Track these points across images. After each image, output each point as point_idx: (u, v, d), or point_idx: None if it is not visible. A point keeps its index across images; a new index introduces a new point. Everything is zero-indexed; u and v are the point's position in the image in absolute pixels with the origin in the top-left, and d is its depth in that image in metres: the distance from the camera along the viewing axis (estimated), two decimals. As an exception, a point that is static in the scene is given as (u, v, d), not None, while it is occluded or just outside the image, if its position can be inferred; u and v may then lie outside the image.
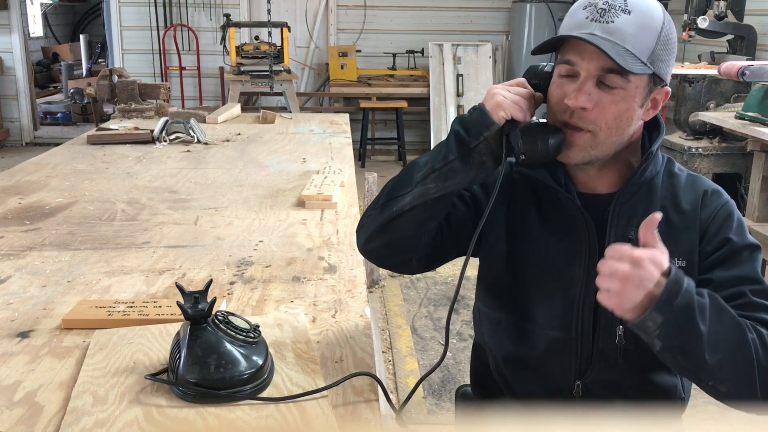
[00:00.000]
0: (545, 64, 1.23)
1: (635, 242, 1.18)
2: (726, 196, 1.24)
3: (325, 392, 1.02)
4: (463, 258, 1.20)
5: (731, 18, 4.59)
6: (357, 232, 1.27)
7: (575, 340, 1.23)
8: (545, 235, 1.25)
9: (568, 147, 1.16)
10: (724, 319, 1.04)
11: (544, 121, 1.19)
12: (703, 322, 1.00)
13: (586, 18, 1.11)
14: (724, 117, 3.83)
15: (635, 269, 0.98)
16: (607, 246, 1.13)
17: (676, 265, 1.05)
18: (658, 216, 1.02)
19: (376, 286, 3.79)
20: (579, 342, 1.23)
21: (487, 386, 1.41)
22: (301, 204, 2.00)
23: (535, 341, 1.25)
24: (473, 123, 1.15)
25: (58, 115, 8.48)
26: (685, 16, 4.58)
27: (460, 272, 1.17)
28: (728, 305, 1.08)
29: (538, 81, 1.21)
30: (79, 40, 11.05)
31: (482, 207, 1.27)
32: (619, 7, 1.10)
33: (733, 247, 1.18)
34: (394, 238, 1.20)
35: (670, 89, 1.21)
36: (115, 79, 3.70)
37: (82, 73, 10.33)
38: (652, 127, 1.25)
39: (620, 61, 1.07)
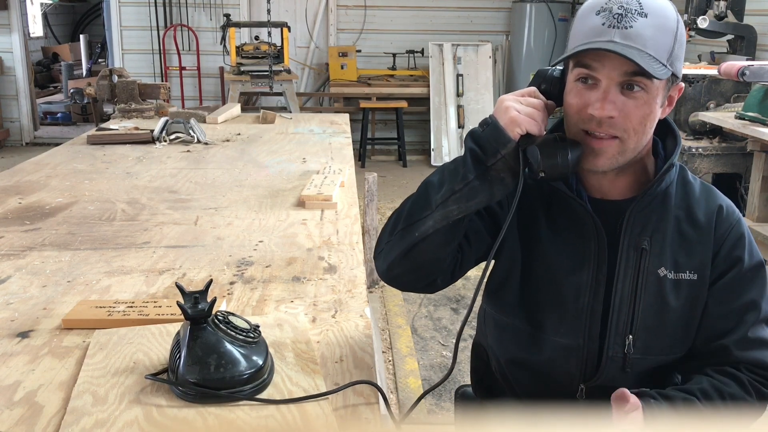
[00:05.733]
0: (553, 67, 1.19)
1: (648, 251, 1.19)
2: (738, 213, 1.24)
3: (325, 392, 1.02)
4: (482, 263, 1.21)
5: (731, 18, 4.59)
6: (375, 258, 1.24)
7: (582, 347, 1.21)
8: (554, 240, 1.23)
9: (596, 156, 1.13)
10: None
11: (559, 134, 1.15)
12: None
13: (603, 24, 1.07)
14: (724, 117, 3.84)
15: None
16: (621, 254, 1.18)
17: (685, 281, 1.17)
18: (627, 394, 1.06)
19: (376, 286, 3.79)
20: (586, 349, 1.21)
21: (488, 385, 1.41)
22: (301, 204, 2.00)
23: (541, 347, 1.24)
24: (488, 140, 1.12)
25: (58, 115, 8.48)
26: (685, 16, 4.58)
27: (476, 282, 1.18)
28: (728, 336, 1.18)
29: (548, 86, 1.18)
30: (79, 40, 11.04)
31: (497, 216, 1.26)
32: (635, 10, 1.06)
33: (743, 268, 1.19)
34: (419, 263, 1.18)
35: (683, 84, 1.19)
36: (115, 79, 3.69)
37: (82, 73, 10.32)
38: (664, 133, 1.23)
39: (648, 68, 1.04)
